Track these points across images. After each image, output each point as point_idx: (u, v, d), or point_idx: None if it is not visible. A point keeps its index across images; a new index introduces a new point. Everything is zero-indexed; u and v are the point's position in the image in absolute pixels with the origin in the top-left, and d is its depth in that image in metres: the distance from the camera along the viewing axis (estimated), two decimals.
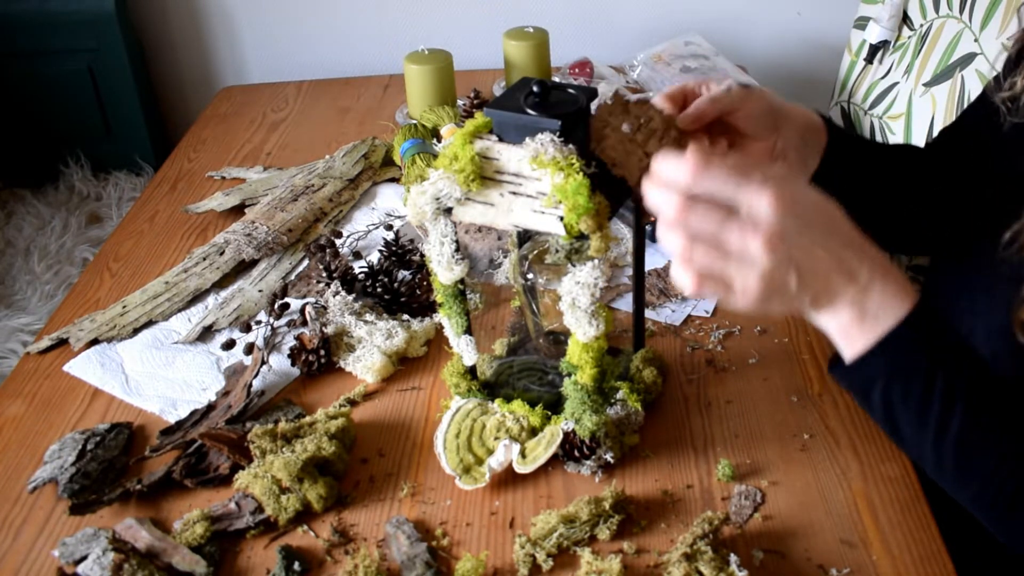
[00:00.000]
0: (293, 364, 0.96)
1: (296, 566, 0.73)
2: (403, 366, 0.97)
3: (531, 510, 0.78)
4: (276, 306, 1.04)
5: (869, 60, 1.45)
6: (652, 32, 1.80)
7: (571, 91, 0.76)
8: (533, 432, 0.83)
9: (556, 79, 1.42)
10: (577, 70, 1.57)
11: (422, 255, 1.09)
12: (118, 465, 0.84)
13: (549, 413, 0.84)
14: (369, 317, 1.00)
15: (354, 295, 1.03)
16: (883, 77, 1.43)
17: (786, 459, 0.82)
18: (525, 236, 0.86)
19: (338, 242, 1.18)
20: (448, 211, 0.76)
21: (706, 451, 0.84)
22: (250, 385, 0.91)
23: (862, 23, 1.47)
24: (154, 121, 1.92)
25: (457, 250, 0.79)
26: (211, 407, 0.90)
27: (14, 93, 1.84)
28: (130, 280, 1.14)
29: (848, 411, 0.87)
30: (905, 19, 1.40)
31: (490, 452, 0.82)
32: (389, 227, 1.21)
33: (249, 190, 1.30)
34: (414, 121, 1.41)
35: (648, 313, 1.01)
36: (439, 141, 1.32)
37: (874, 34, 1.42)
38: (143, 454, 0.86)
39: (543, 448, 0.81)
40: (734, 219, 0.60)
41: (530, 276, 0.87)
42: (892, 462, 0.81)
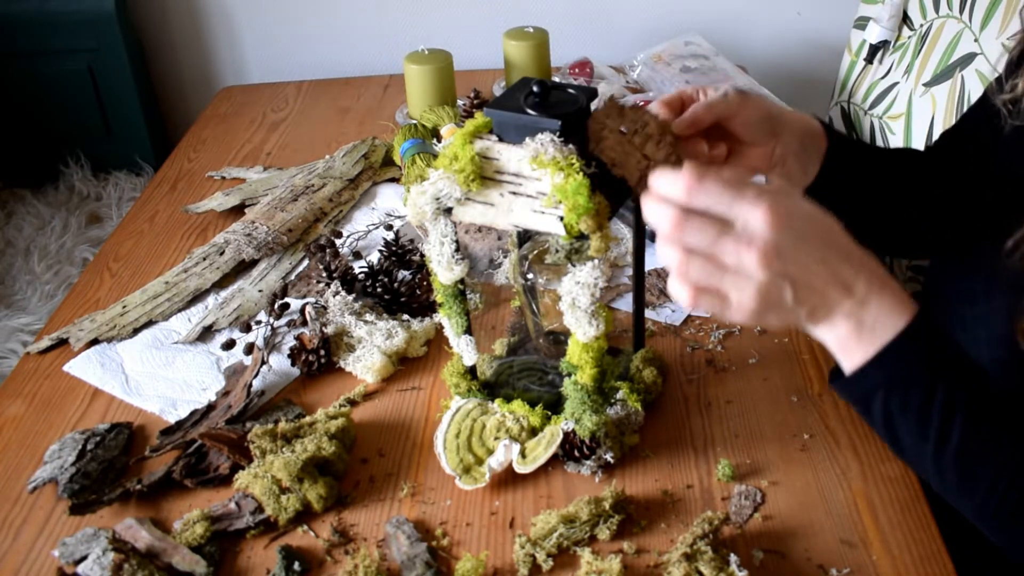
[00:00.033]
0: (293, 364, 0.96)
1: (296, 566, 0.73)
2: (403, 366, 0.97)
3: (531, 510, 0.78)
4: (276, 306, 1.04)
5: (869, 60, 1.45)
6: (652, 32, 1.80)
7: (571, 91, 0.76)
8: (533, 432, 0.83)
9: (556, 79, 1.42)
10: (577, 70, 1.57)
11: (422, 255, 1.09)
12: (118, 465, 0.84)
13: (549, 413, 0.84)
14: (369, 317, 1.00)
15: (354, 295, 1.03)
16: (883, 77, 1.43)
17: (786, 459, 0.82)
18: (525, 236, 0.86)
19: (338, 242, 1.18)
20: (448, 211, 0.76)
21: (706, 451, 0.84)
22: (250, 385, 0.91)
23: (862, 23, 1.47)
24: (154, 121, 1.92)
25: (457, 250, 0.79)
26: (211, 407, 0.90)
27: (14, 93, 1.84)
28: (130, 280, 1.14)
29: (848, 411, 0.87)
30: (905, 19, 1.40)
31: (490, 452, 0.82)
32: (389, 227, 1.21)
33: (249, 190, 1.30)
34: (414, 121, 1.41)
35: (648, 313, 1.01)
36: (439, 141, 1.32)
37: (874, 34, 1.42)
38: (143, 454, 0.86)
39: (543, 448, 0.81)
40: (729, 233, 0.60)
41: (530, 276, 0.87)
42: (892, 462, 0.81)
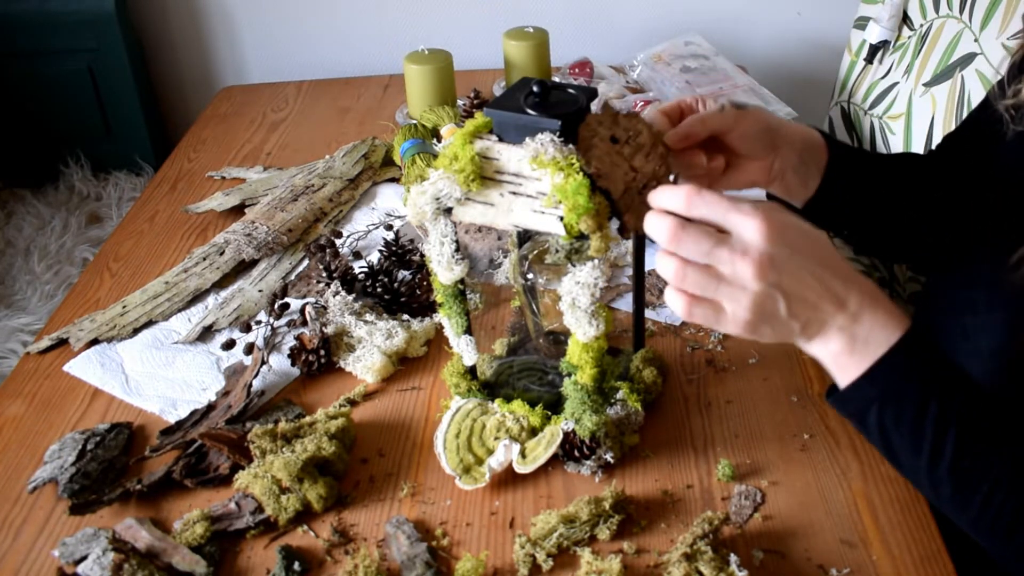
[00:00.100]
0: (293, 364, 0.96)
1: (296, 566, 0.73)
2: (403, 366, 0.97)
3: (531, 510, 0.78)
4: (276, 306, 1.04)
5: (869, 60, 1.45)
6: (652, 32, 1.80)
7: (571, 91, 0.76)
8: (533, 432, 0.83)
9: (556, 79, 1.42)
10: (577, 70, 1.57)
11: (422, 255, 1.09)
12: (118, 465, 0.84)
13: (549, 413, 0.84)
14: (369, 317, 1.00)
15: (354, 295, 1.03)
16: (883, 77, 1.43)
17: (786, 459, 0.82)
18: (525, 236, 0.86)
19: (338, 242, 1.18)
20: (448, 211, 0.76)
21: (706, 451, 0.84)
22: (250, 385, 0.91)
23: (862, 23, 1.47)
24: (154, 121, 1.92)
25: (457, 250, 0.79)
26: (211, 407, 0.90)
27: (14, 93, 1.84)
28: (130, 280, 1.14)
29: None
30: (905, 19, 1.40)
31: (490, 452, 0.82)
32: (389, 227, 1.21)
33: (249, 190, 1.30)
34: (414, 121, 1.41)
35: (648, 313, 1.01)
36: (439, 141, 1.32)
37: (874, 34, 1.42)
38: (143, 454, 0.86)
39: (543, 448, 0.81)
40: (725, 244, 0.61)
41: (530, 276, 0.87)
42: None
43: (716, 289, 0.62)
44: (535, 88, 0.74)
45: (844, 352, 0.64)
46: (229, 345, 1.00)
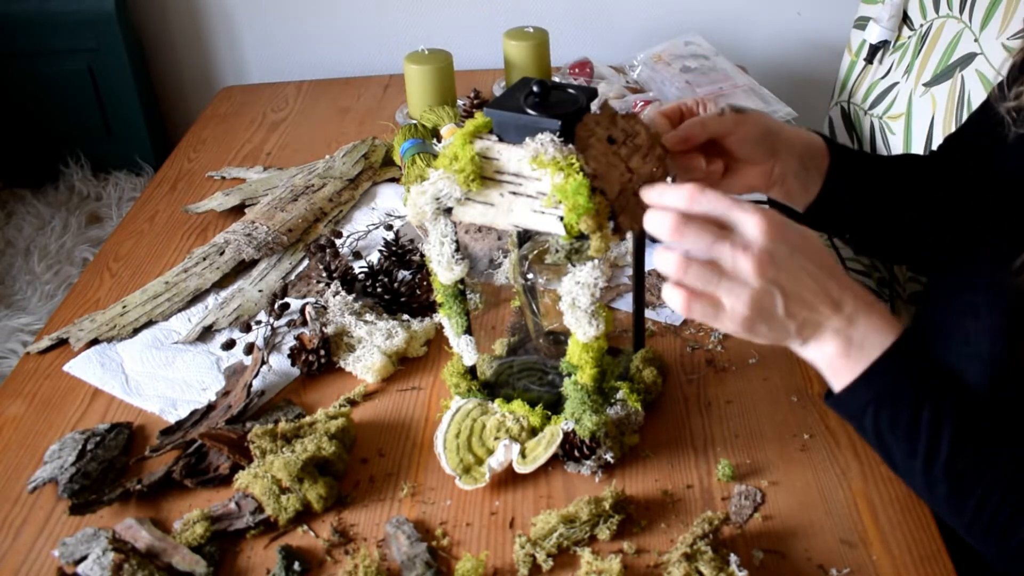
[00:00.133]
0: (293, 364, 0.96)
1: (296, 566, 0.73)
2: (403, 366, 0.97)
3: (531, 510, 0.78)
4: (276, 306, 1.04)
5: (869, 60, 1.45)
6: (652, 32, 1.80)
7: (571, 91, 0.76)
8: (533, 432, 0.83)
9: (556, 79, 1.42)
10: (577, 70, 1.57)
11: (422, 255, 1.09)
12: (118, 465, 0.84)
13: (549, 413, 0.84)
14: (369, 317, 1.00)
15: (354, 295, 1.03)
16: (883, 77, 1.43)
17: (786, 459, 0.82)
18: (525, 236, 0.86)
19: (338, 242, 1.18)
20: (448, 211, 0.76)
21: (706, 451, 0.84)
22: (250, 385, 0.91)
23: (862, 23, 1.47)
24: (154, 121, 1.92)
25: (457, 250, 0.79)
26: (211, 407, 0.90)
27: (14, 93, 1.84)
28: (130, 280, 1.14)
29: None
30: (905, 19, 1.40)
31: (490, 452, 0.82)
32: (389, 227, 1.21)
33: (249, 190, 1.30)
34: (414, 121, 1.41)
35: (648, 313, 1.01)
36: (439, 141, 1.32)
37: (874, 34, 1.42)
38: (143, 454, 0.86)
39: (543, 448, 0.81)
40: (727, 238, 0.62)
41: (530, 276, 0.87)
42: None
43: (717, 284, 0.62)
44: (535, 88, 0.74)
45: (839, 355, 0.64)
46: (229, 345, 1.00)
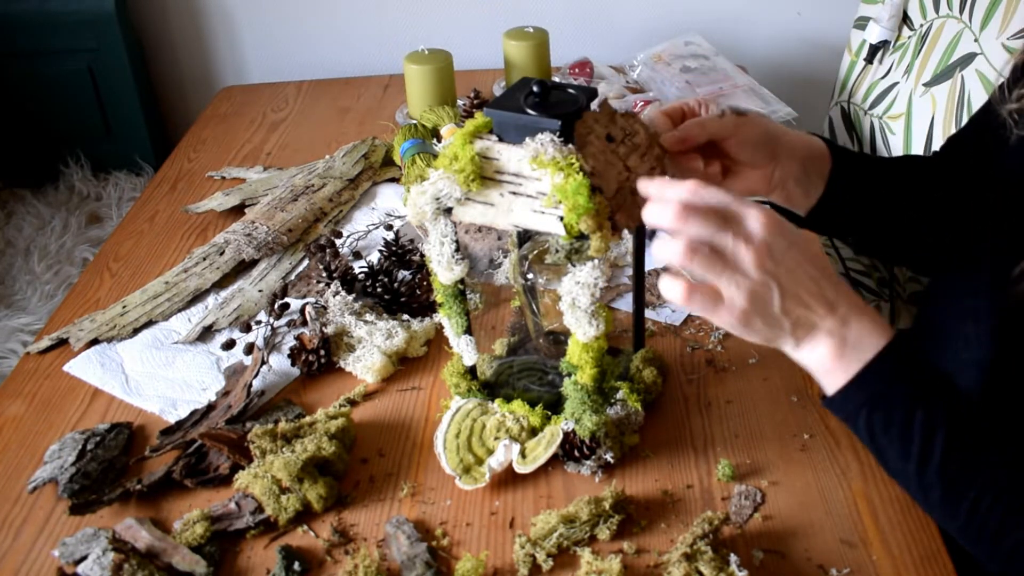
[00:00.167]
0: (293, 364, 0.96)
1: (296, 566, 0.73)
2: (403, 366, 0.97)
3: (531, 510, 0.78)
4: (276, 306, 1.04)
5: (869, 60, 1.45)
6: (652, 32, 1.80)
7: (571, 91, 0.76)
8: (533, 432, 0.83)
9: (556, 79, 1.42)
10: (577, 70, 1.57)
11: (422, 255, 1.09)
12: (118, 465, 0.84)
13: (549, 413, 0.84)
14: (369, 317, 1.00)
15: (354, 295, 1.03)
16: (883, 77, 1.43)
17: (786, 459, 0.82)
18: (525, 236, 0.86)
19: (338, 242, 1.18)
20: (448, 211, 0.76)
21: (706, 451, 0.84)
22: (250, 385, 0.91)
23: (862, 23, 1.47)
24: (154, 121, 1.92)
25: (457, 250, 0.79)
26: (211, 407, 0.90)
27: (14, 93, 1.84)
28: (130, 280, 1.14)
29: None
30: (905, 19, 1.40)
31: (490, 452, 0.82)
32: (389, 227, 1.21)
33: (249, 190, 1.30)
34: (414, 121, 1.41)
35: (648, 313, 1.01)
36: (439, 141, 1.33)
37: (874, 34, 1.42)
38: (143, 454, 0.86)
39: (543, 448, 0.81)
40: (729, 227, 0.62)
41: (530, 276, 0.87)
42: None
43: (720, 272, 0.62)
44: (535, 88, 0.74)
45: (833, 356, 0.64)
46: (229, 345, 1.00)
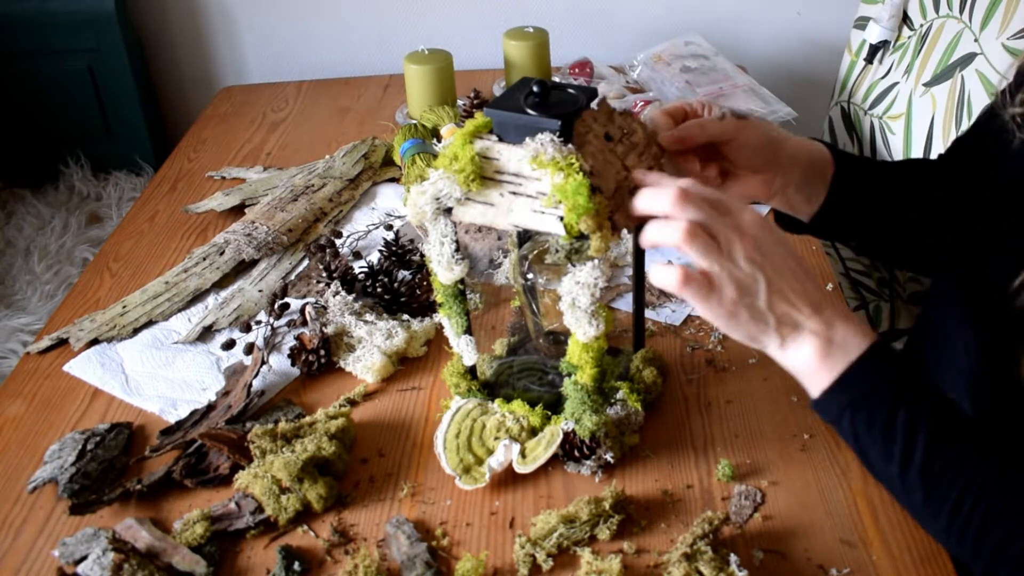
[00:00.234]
0: (293, 364, 0.96)
1: (296, 566, 0.73)
2: (403, 366, 0.97)
3: (531, 510, 0.78)
4: (276, 306, 1.04)
5: (869, 60, 1.45)
6: (652, 32, 1.80)
7: (571, 91, 0.76)
8: (533, 432, 0.83)
9: (556, 79, 1.42)
10: (577, 70, 1.57)
11: (422, 255, 1.09)
12: (118, 465, 0.84)
13: (549, 413, 0.84)
14: (369, 317, 1.00)
15: (354, 295, 1.03)
16: (883, 77, 1.43)
17: (786, 459, 0.82)
18: (525, 236, 0.86)
19: (338, 242, 1.18)
20: (448, 211, 0.76)
21: (706, 451, 0.84)
22: (250, 385, 0.91)
23: (862, 23, 1.47)
24: (154, 121, 1.92)
25: (457, 250, 0.79)
26: (211, 407, 0.90)
27: (14, 93, 1.84)
28: (130, 280, 1.14)
29: None
30: (905, 19, 1.40)
31: (490, 452, 0.82)
32: (389, 227, 1.21)
33: (249, 190, 1.30)
34: (414, 121, 1.41)
35: (648, 313, 1.01)
36: (439, 141, 1.32)
37: (874, 34, 1.42)
38: (143, 454, 0.86)
39: (543, 448, 0.81)
40: (725, 216, 0.64)
41: (530, 276, 0.87)
42: None
43: (715, 258, 0.64)
44: (535, 88, 0.74)
45: (818, 356, 0.65)
46: (229, 345, 1.00)
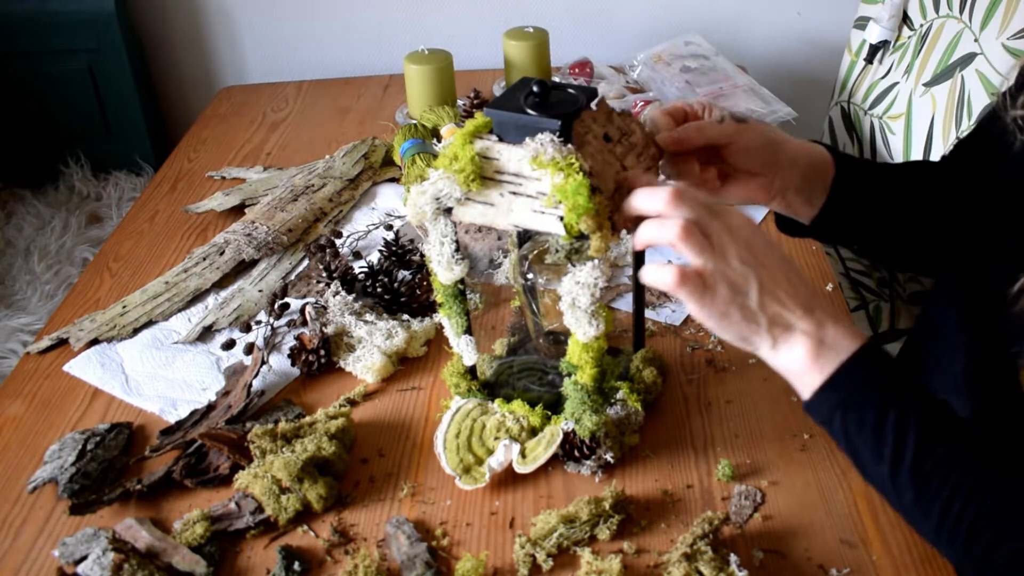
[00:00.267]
0: (293, 364, 0.96)
1: (296, 566, 0.73)
2: (403, 366, 0.97)
3: (531, 510, 0.78)
4: (276, 306, 1.04)
5: (869, 60, 1.45)
6: (652, 32, 1.80)
7: (571, 91, 0.76)
8: (533, 432, 0.83)
9: (556, 79, 1.42)
10: (577, 70, 1.57)
11: (422, 255, 1.09)
12: (118, 465, 0.84)
13: (549, 413, 0.84)
14: (369, 317, 1.00)
15: (354, 295, 1.03)
16: (883, 77, 1.43)
17: (786, 459, 0.82)
18: (525, 236, 0.86)
19: (338, 242, 1.18)
20: (448, 211, 0.76)
21: (706, 451, 0.84)
22: (250, 385, 0.91)
23: (862, 23, 1.47)
24: (154, 121, 1.92)
25: (457, 250, 0.79)
26: (211, 407, 0.90)
27: (14, 93, 1.84)
28: (130, 280, 1.14)
29: None
30: (905, 19, 1.40)
31: (490, 452, 0.82)
32: (389, 227, 1.21)
33: (249, 190, 1.30)
34: (414, 121, 1.41)
35: (648, 313, 1.01)
36: (439, 141, 1.32)
37: (874, 34, 1.42)
38: (143, 454, 0.86)
39: (543, 448, 0.81)
40: (717, 218, 0.65)
41: (530, 276, 0.87)
42: None
43: (709, 257, 0.64)
44: (535, 88, 0.74)
45: (810, 356, 0.65)
46: (229, 345, 1.00)
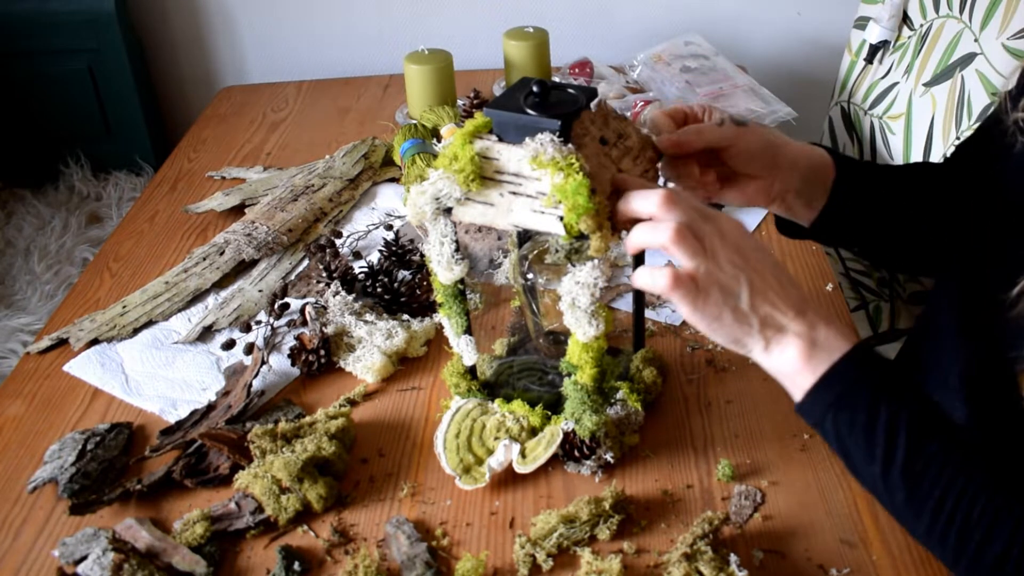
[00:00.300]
0: (293, 364, 0.96)
1: (296, 566, 0.73)
2: (403, 366, 0.97)
3: (531, 510, 0.78)
4: (276, 306, 1.04)
5: (869, 60, 1.45)
6: (652, 32, 1.80)
7: (571, 91, 0.76)
8: (533, 432, 0.83)
9: (556, 79, 1.42)
10: (577, 70, 1.57)
11: (422, 255, 1.09)
12: (118, 465, 0.84)
13: (549, 413, 0.84)
14: (369, 317, 1.00)
15: (354, 295, 1.03)
16: (883, 77, 1.43)
17: (786, 459, 0.82)
18: (525, 236, 0.86)
19: (338, 242, 1.18)
20: (448, 211, 0.76)
21: (706, 451, 0.84)
22: (250, 385, 0.91)
23: (862, 23, 1.47)
24: (154, 121, 1.92)
25: (457, 250, 0.79)
26: (211, 407, 0.90)
27: (14, 93, 1.84)
28: (130, 280, 1.14)
29: None
30: (905, 19, 1.40)
31: (490, 452, 0.82)
32: (389, 227, 1.21)
33: (249, 190, 1.30)
34: (414, 121, 1.41)
35: (648, 313, 1.01)
36: (439, 141, 1.33)
37: (874, 34, 1.42)
38: (143, 454, 0.86)
39: (543, 448, 0.81)
40: (709, 221, 0.66)
41: (530, 276, 0.87)
42: None
43: (702, 259, 0.64)
44: (535, 88, 0.74)
45: (802, 357, 0.65)
46: (229, 345, 1.00)
